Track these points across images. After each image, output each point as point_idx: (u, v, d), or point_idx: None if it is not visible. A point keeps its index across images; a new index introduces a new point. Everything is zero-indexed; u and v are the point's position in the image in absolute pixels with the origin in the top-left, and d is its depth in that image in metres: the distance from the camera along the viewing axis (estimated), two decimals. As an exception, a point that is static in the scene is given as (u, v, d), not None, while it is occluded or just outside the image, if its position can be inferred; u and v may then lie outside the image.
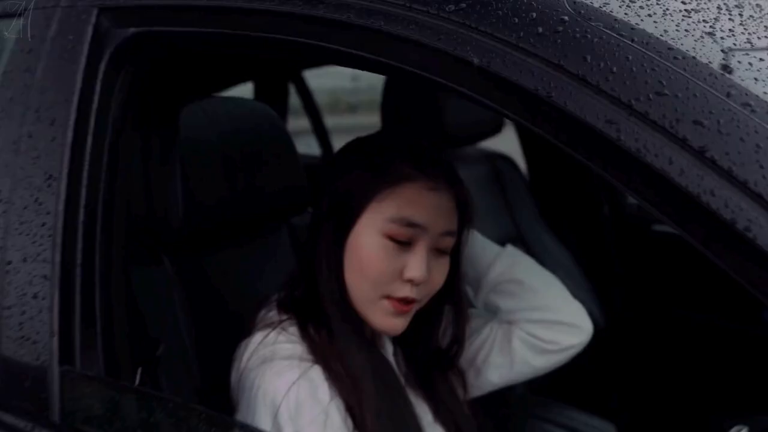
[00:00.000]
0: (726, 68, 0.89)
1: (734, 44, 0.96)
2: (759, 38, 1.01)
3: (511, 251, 1.58)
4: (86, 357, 1.16)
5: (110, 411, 1.15)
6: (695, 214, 0.83)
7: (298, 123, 3.87)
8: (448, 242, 1.39)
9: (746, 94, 0.85)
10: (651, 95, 0.86)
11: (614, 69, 0.88)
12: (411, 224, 1.32)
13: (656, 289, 2.83)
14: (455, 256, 1.44)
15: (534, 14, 0.94)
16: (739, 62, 0.91)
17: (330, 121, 3.76)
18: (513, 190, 2.75)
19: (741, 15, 1.06)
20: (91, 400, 1.15)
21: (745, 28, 1.02)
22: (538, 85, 0.91)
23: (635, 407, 2.65)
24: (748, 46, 0.97)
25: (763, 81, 0.89)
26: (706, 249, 0.85)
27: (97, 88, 1.25)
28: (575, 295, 2.61)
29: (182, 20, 1.24)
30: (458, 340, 1.52)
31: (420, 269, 1.32)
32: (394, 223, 1.32)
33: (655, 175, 0.84)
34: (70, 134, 1.22)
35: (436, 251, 1.37)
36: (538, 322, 1.53)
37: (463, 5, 0.97)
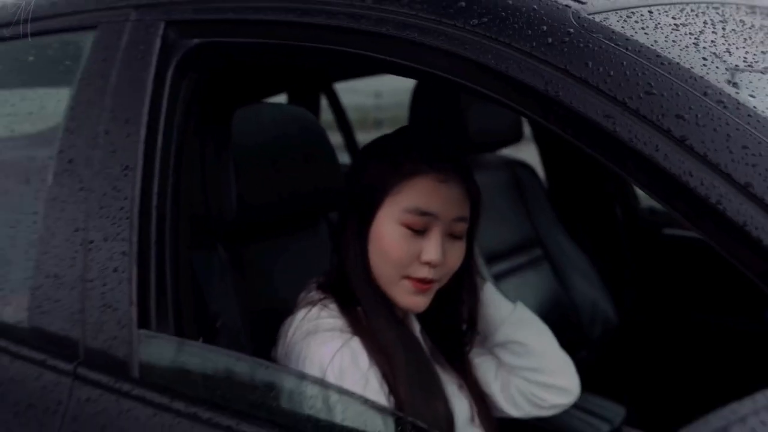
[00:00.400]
0: (732, 83, 1.06)
1: (715, 52, 1.13)
2: (737, 48, 1.18)
3: (519, 313, 1.72)
4: (160, 322, 1.33)
5: (181, 367, 1.33)
6: (677, 191, 0.99)
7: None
8: (461, 228, 1.52)
9: (720, 93, 1.02)
10: (641, 94, 1.03)
11: (611, 73, 1.05)
12: (424, 213, 1.46)
13: (667, 290, 2.96)
14: (470, 239, 1.59)
15: (545, 27, 1.11)
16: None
17: (359, 136, 3.93)
18: (532, 196, 2.90)
19: (724, 29, 1.24)
20: (165, 358, 1.33)
21: (726, 40, 1.19)
22: (548, 87, 1.08)
23: (645, 407, 2.77)
24: (727, 54, 1.14)
25: (735, 84, 1.06)
26: (688, 221, 1.02)
27: (165, 91, 1.42)
28: (591, 295, 2.76)
29: (240, 32, 1.41)
30: (472, 321, 1.68)
31: (435, 253, 1.47)
32: (409, 213, 1.46)
33: (645, 160, 1.01)
34: (143, 132, 1.40)
35: (451, 236, 1.51)
36: (533, 381, 1.69)
37: (485, 20, 1.14)
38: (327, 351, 1.42)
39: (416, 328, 1.64)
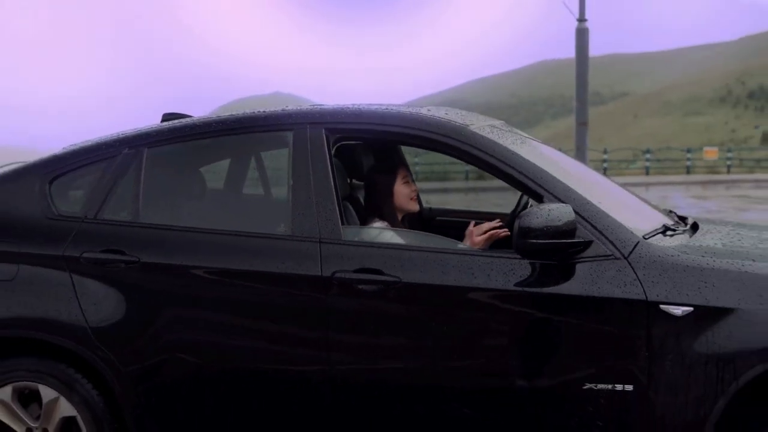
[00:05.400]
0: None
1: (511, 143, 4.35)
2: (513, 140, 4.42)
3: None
4: (343, 222, 4.33)
5: (357, 237, 4.31)
6: (502, 175, 4.18)
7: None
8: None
9: (513, 154, 4.22)
10: (491, 151, 4.20)
11: (478, 145, 4.21)
12: (407, 177, 4.79)
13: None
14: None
15: (461, 131, 4.26)
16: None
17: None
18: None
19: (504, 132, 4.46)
20: (366, 234, 4.31)
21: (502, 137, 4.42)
22: (462, 146, 4.24)
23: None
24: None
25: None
26: (509, 184, 4.18)
27: (330, 152, 4.37)
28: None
29: (354, 133, 4.51)
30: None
31: (415, 189, 4.80)
32: (404, 179, 4.77)
33: (487, 164, 4.20)
34: (328, 162, 4.34)
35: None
36: None
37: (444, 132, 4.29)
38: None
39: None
